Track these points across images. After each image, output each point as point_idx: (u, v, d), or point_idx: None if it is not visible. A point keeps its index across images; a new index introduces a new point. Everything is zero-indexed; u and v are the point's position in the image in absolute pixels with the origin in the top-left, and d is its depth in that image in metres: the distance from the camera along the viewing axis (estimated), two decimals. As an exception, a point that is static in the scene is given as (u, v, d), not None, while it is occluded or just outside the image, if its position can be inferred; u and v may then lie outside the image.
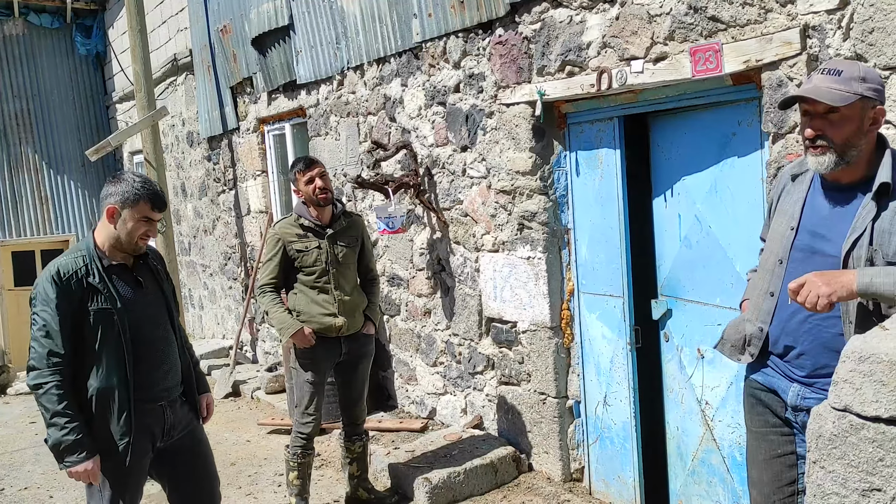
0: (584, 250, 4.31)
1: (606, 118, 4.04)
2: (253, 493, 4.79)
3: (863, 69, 2.21)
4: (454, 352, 5.17)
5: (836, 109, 2.17)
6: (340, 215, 4.27)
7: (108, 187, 2.87)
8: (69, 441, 2.73)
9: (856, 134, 2.17)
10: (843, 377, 1.61)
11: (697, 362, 3.79)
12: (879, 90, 2.21)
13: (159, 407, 2.99)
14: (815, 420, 1.67)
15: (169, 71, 9.19)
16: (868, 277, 2.01)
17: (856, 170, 2.23)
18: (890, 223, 2.10)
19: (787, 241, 2.34)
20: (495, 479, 4.51)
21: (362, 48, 5.58)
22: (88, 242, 2.88)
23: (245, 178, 7.80)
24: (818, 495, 1.65)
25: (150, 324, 2.97)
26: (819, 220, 2.30)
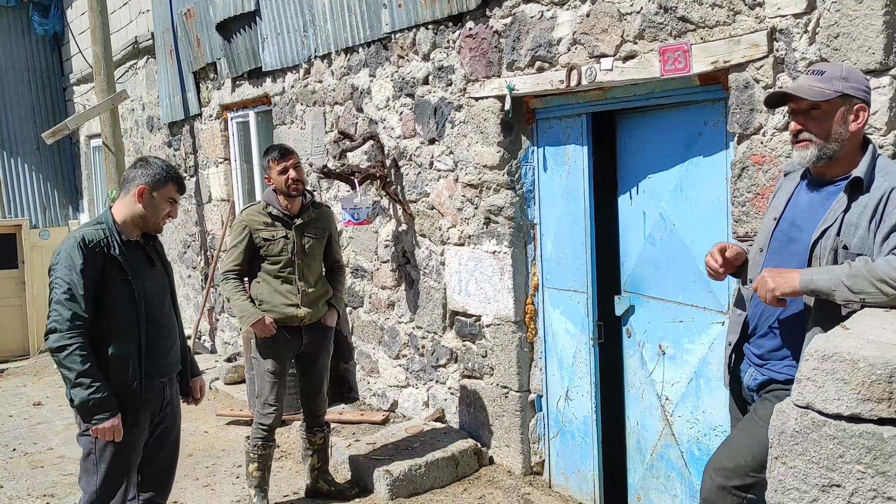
0: (550, 245, 4.33)
1: (575, 115, 4.06)
2: (210, 485, 4.73)
3: (846, 70, 2.32)
4: (417, 344, 5.17)
5: (818, 106, 2.28)
6: (309, 206, 4.23)
7: (137, 170, 3.08)
8: (96, 399, 2.88)
9: (837, 129, 2.27)
10: (806, 375, 1.65)
11: (658, 358, 3.84)
12: (862, 89, 2.30)
13: (160, 384, 3.15)
14: (778, 417, 1.70)
15: (129, 54, 8.98)
16: (809, 275, 2.16)
17: (838, 166, 2.33)
18: (858, 216, 2.19)
19: (768, 232, 2.46)
20: (456, 472, 4.52)
21: (330, 37, 5.52)
22: (107, 218, 3.04)
23: (207, 166, 7.68)
24: (779, 490, 1.68)
25: (159, 300, 3.14)
26: (799, 211, 2.41)
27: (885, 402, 1.53)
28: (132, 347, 3.02)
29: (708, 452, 3.58)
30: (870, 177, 2.22)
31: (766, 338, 2.43)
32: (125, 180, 3.10)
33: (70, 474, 5.06)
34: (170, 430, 3.28)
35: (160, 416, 3.19)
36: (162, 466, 3.30)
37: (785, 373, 2.34)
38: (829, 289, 2.11)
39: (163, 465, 3.30)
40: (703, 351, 3.58)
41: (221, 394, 6.66)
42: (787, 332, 2.34)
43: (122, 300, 2.98)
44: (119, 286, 2.98)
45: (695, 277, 3.59)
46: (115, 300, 2.97)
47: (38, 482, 4.96)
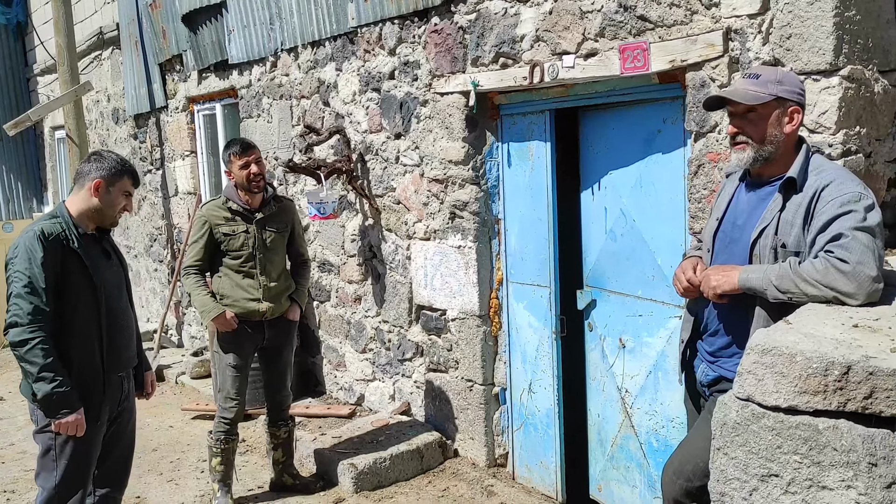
0: (514, 240, 4.37)
1: (538, 111, 4.10)
2: (175, 480, 4.72)
3: (780, 73, 2.38)
4: (384, 338, 5.19)
5: (754, 109, 2.34)
6: (271, 200, 4.22)
7: (91, 164, 3.06)
8: (59, 393, 2.84)
9: (772, 132, 2.33)
10: (747, 368, 1.70)
11: (619, 351, 3.90)
12: (796, 92, 2.35)
13: (119, 377, 3.14)
14: (721, 409, 1.75)
15: (94, 45, 8.86)
16: (746, 273, 2.26)
17: (775, 166, 2.39)
18: (793, 215, 2.26)
19: (712, 231, 2.53)
20: (421, 465, 4.55)
21: (297, 30, 5.50)
22: (62, 211, 3.02)
23: (173, 159, 7.61)
24: (721, 480, 1.73)
25: (117, 293, 3.13)
26: (739, 212, 2.47)
27: (820, 394, 1.58)
28: (94, 341, 3.00)
29: (666, 444, 3.66)
30: (803, 176, 2.29)
31: (717, 335, 2.49)
32: (79, 174, 3.07)
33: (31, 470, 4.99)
34: (126, 424, 3.27)
35: (118, 409, 3.18)
36: (119, 461, 3.29)
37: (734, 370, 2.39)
38: (762, 288, 2.19)
39: (120, 460, 3.29)
40: (661, 344, 3.65)
41: (188, 388, 6.63)
42: (736, 329, 2.40)
43: (83, 293, 2.96)
44: (79, 279, 2.95)
45: (653, 272, 3.65)
46: (76, 293, 2.95)
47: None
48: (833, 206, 2.17)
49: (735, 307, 2.38)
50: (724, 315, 2.45)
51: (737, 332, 2.39)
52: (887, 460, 1.50)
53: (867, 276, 2.02)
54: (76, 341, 2.96)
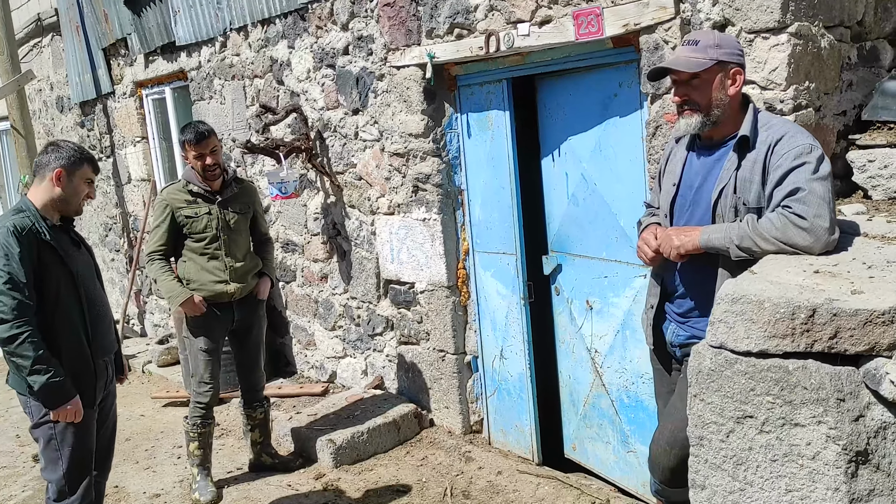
0: (478, 210, 4.42)
1: (495, 80, 4.13)
2: (152, 467, 4.71)
3: (718, 37, 2.44)
4: (353, 315, 5.21)
5: (697, 75, 2.41)
6: (231, 182, 4.19)
7: (49, 154, 3.05)
8: (55, 383, 2.89)
9: (717, 95, 2.40)
10: (718, 318, 1.78)
11: (586, 313, 4.00)
12: (735, 53, 2.42)
13: (103, 363, 3.18)
14: (695, 357, 1.83)
15: (33, 32, 8.59)
16: (707, 234, 2.33)
17: (724, 128, 2.46)
18: (750, 172, 2.33)
19: (669, 197, 2.56)
20: (398, 437, 4.62)
21: (245, 9, 5.42)
22: (28, 205, 3.01)
23: (124, 145, 7.46)
24: (699, 425, 1.81)
25: (91, 281, 3.16)
26: (694, 175, 2.53)
27: (788, 337, 1.67)
28: (79, 329, 3.04)
29: (637, 399, 3.78)
30: (754, 133, 2.36)
31: (686, 298, 2.55)
32: (38, 166, 3.07)
33: (3, 467, 4.95)
34: (109, 408, 3.33)
35: (103, 394, 3.23)
36: (104, 445, 3.33)
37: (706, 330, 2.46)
38: (724, 247, 2.27)
39: (104, 444, 3.34)
40: (627, 304, 3.75)
41: (155, 376, 6.58)
42: (703, 290, 2.45)
43: (63, 284, 2.99)
44: (57, 270, 2.98)
45: (617, 234, 3.74)
46: (56, 284, 2.97)
47: (-31, 479, 4.83)
48: (787, 160, 2.26)
49: (701, 268, 2.45)
50: (691, 277, 2.52)
51: (704, 292, 2.45)
52: (853, 395, 1.60)
53: (823, 230, 2.12)
54: (62, 331, 3.00)
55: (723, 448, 1.77)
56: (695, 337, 2.50)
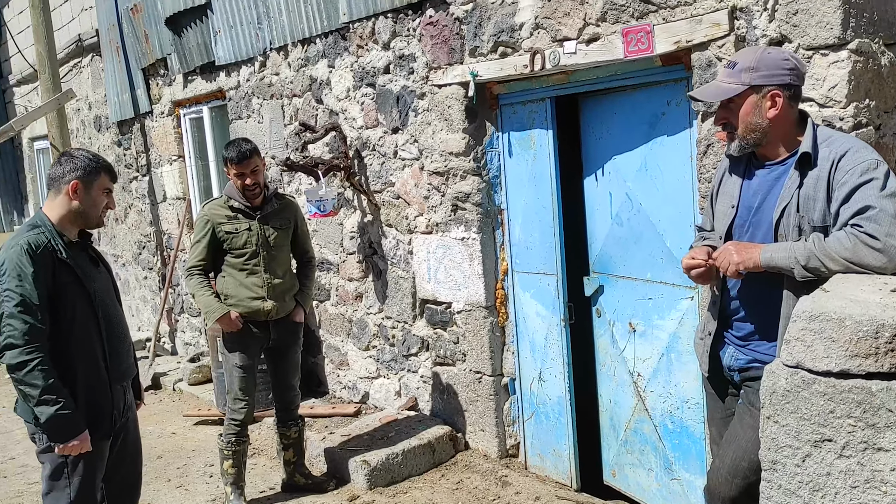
0: (518, 230, 4.37)
1: (538, 99, 4.10)
2: (184, 485, 4.66)
3: (758, 58, 2.34)
4: (387, 335, 5.16)
5: (732, 99, 2.36)
6: (272, 197, 4.19)
7: (63, 166, 2.86)
8: (64, 416, 2.70)
9: (753, 120, 2.34)
10: (794, 336, 1.70)
11: (629, 336, 3.91)
12: (777, 74, 2.32)
13: (121, 388, 3.00)
14: (769, 377, 1.75)
15: (73, 52, 8.74)
16: (769, 252, 2.23)
17: (778, 147, 2.39)
18: (814, 189, 2.25)
19: (727, 219, 2.49)
20: (433, 459, 4.54)
21: (286, 28, 5.46)
22: (44, 220, 2.82)
23: (160, 164, 7.52)
24: (772, 448, 1.73)
25: (110, 301, 2.98)
26: (752, 195, 2.45)
27: (872, 357, 1.59)
28: (97, 352, 2.86)
29: (682, 425, 3.68)
30: (815, 149, 2.28)
31: (746, 320, 2.45)
32: (52, 178, 2.87)
33: (35, 483, 4.92)
34: (131, 436, 3.12)
35: (121, 421, 3.01)
36: (127, 476, 3.12)
37: (771, 354, 2.34)
38: (788, 266, 2.18)
39: (128, 475, 3.13)
40: (673, 326, 3.66)
41: (186, 394, 6.56)
42: (766, 312, 2.37)
43: (79, 304, 2.81)
44: (74, 290, 2.80)
45: (662, 255, 3.67)
46: (73, 305, 2.79)
47: (2, 492, 4.82)
48: (853, 176, 2.18)
49: (761, 289, 2.36)
50: (750, 299, 2.42)
51: (765, 314, 2.36)
52: (944, 418, 1.52)
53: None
54: (79, 356, 2.81)
55: (798, 473, 1.69)
56: (756, 361, 2.41)
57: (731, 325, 2.50)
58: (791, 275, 2.19)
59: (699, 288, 3.46)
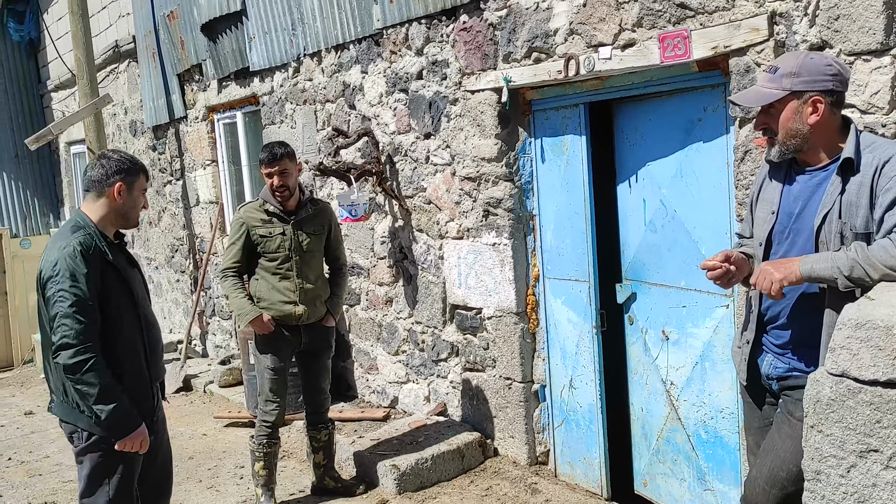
0: (550, 236, 4.35)
1: (572, 105, 4.08)
2: (215, 486, 4.70)
3: (799, 64, 2.31)
4: (417, 340, 5.17)
5: (772, 105, 2.33)
6: (307, 202, 4.22)
7: (102, 168, 2.88)
8: (123, 412, 2.77)
9: (793, 126, 2.31)
10: (840, 343, 1.67)
11: (662, 344, 3.87)
12: (819, 80, 2.28)
13: (155, 387, 3.04)
14: (813, 386, 1.72)
15: (110, 58, 8.89)
16: (809, 265, 2.18)
17: (820, 153, 2.35)
18: (856, 196, 2.21)
19: (767, 226, 2.45)
20: (462, 465, 4.53)
21: (320, 34, 5.50)
22: (87, 221, 2.86)
23: (194, 168, 7.62)
24: (816, 458, 1.70)
25: (145, 301, 3.02)
26: (793, 201, 2.41)
27: (920, 366, 1.56)
28: (140, 352, 2.92)
29: (716, 435, 3.63)
30: (858, 155, 2.24)
31: (785, 328, 2.41)
32: (95, 181, 2.89)
33: (70, 481, 4.99)
34: (162, 433, 3.16)
35: (152, 422, 3.01)
36: (158, 477, 3.14)
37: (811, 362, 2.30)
38: (830, 277, 2.13)
39: (159, 475, 3.15)
40: (707, 335, 3.62)
41: (217, 396, 6.61)
42: (806, 320, 2.33)
43: (124, 305, 2.87)
44: (119, 291, 2.85)
45: (697, 262, 3.60)
46: (119, 306, 2.85)
47: (37, 490, 4.89)
48: None
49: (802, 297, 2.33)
50: (791, 307, 2.38)
51: (806, 322, 2.32)
52: None
53: None
54: (125, 354, 2.86)
55: (843, 484, 1.66)
56: (795, 369, 2.37)
57: (770, 333, 2.47)
58: (835, 286, 2.16)
59: (735, 296, 3.42)
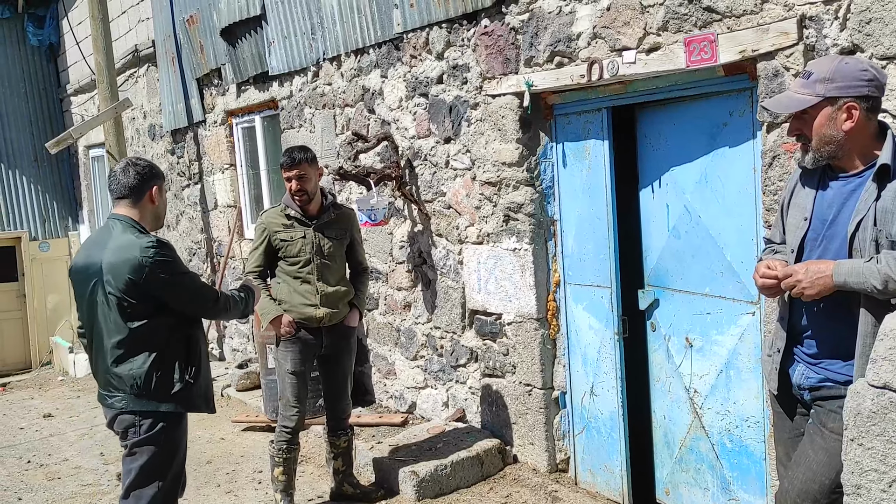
0: (571, 241, 4.32)
1: (594, 109, 4.05)
2: (233, 491, 4.69)
3: (833, 69, 2.27)
4: (436, 345, 5.14)
5: (806, 111, 2.29)
6: (329, 207, 4.20)
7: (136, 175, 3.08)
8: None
9: (827, 132, 2.27)
10: (881, 355, 1.63)
11: (686, 351, 3.83)
12: (854, 85, 2.24)
13: None
14: (853, 398, 1.68)
15: (129, 63, 8.94)
16: (842, 277, 2.15)
17: (855, 159, 2.31)
18: (892, 203, 2.17)
19: (800, 232, 2.40)
20: (481, 472, 4.49)
21: (339, 39, 5.50)
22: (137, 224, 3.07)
23: (212, 172, 7.64)
24: (856, 472, 1.66)
25: None
26: (827, 208, 2.37)
27: (967, 378, 1.52)
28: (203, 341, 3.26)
29: (740, 444, 3.58)
30: (895, 161, 2.21)
31: (817, 338, 2.36)
32: (130, 187, 3.06)
33: (89, 485, 5.01)
34: None
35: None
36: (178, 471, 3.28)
37: (844, 373, 2.25)
38: (863, 289, 2.10)
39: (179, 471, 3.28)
40: (732, 342, 3.57)
41: (234, 400, 6.61)
42: (839, 329, 2.28)
43: None
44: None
45: (722, 269, 3.58)
46: None
47: (56, 493, 4.90)
48: None
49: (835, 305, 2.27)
50: (823, 315, 2.34)
51: (839, 332, 2.27)
52: None
53: None
54: (202, 340, 3.21)
55: (884, 499, 1.61)
56: (828, 380, 2.32)
57: (802, 342, 2.42)
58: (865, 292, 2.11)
59: (761, 303, 3.37)
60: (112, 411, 3.06)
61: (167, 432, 3.04)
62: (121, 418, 3.05)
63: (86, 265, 3.02)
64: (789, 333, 2.46)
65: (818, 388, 2.36)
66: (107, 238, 3.02)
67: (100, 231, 3.15)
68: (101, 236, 3.07)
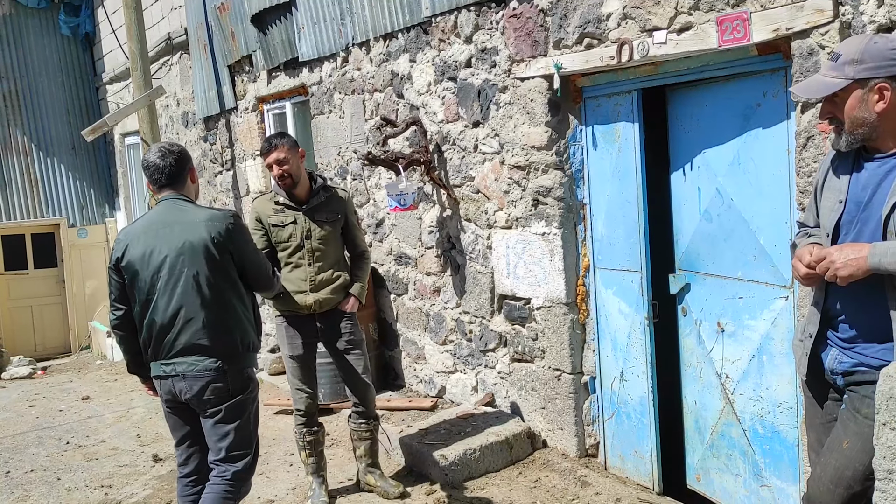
0: (601, 225, 4.28)
1: (624, 91, 4.00)
2: (265, 473, 4.75)
3: (862, 49, 2.21)
4: (465, 330, 5.15)
5: (836, 93, 2.24)
6: (319, 190, 4.13)
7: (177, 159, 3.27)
8: None
9: (859, 114, 2.22)
10: (915, 337, 1.59)
11: (717, 336, 3.78)
12: (883, 66, 2.19)
13: None
14: (886, 381, 1.65)
15: (163, 50, 9.03)
16: (877, 258, 2.11)
17: (890, 139, 2.26)
18: None
19: (835, 215, 2.35)
20: (510, 456, 4.49)
21: (368, 24, 5.50)
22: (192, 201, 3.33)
23: (244, 159, 7.71)
24: (888, 457, 1.63)
25: None
26: (861, 190, 2.32)
27: None
28: None
29: (773, 430, 3.53)
30: None
31: (851, 322, 2.32)
32: (173, 174, 3.26)
33: (125, 465, 5.12)
34: None
35: None
36: None
37: (879, 357, 2.22)
38: None
39: None
40: (765, 327, 3.52)
41: (266, 384, 6.69)
42: (874, 313, 2.24)
43: None
44: None
45: (755, 252, 3.52)
46: None
47: (94, 473, 5.01)
48: None
49: (870, 288, 2.22)
50: (857, 299, 2.29)
51: (874, 315, 2.23)
52: None
53: None
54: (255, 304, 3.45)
55: (917, 484, 1.57)
56: (862, 364, 2.27)
57: (836, 327, 2.37)
58: None
59: (794, 287, 3.31)
60: (197, 381, 3.16)
61: (256, 392, 3.36)
62: (213, 386, 3.20)
63: (168, 244, 3.12)
64: (823, 317, 2.41)
65: (852, 372, 2.31)
66: (179, 217, 3.18)
67: (158, 213, 3.23)
68: (167, 216, 3.19)
